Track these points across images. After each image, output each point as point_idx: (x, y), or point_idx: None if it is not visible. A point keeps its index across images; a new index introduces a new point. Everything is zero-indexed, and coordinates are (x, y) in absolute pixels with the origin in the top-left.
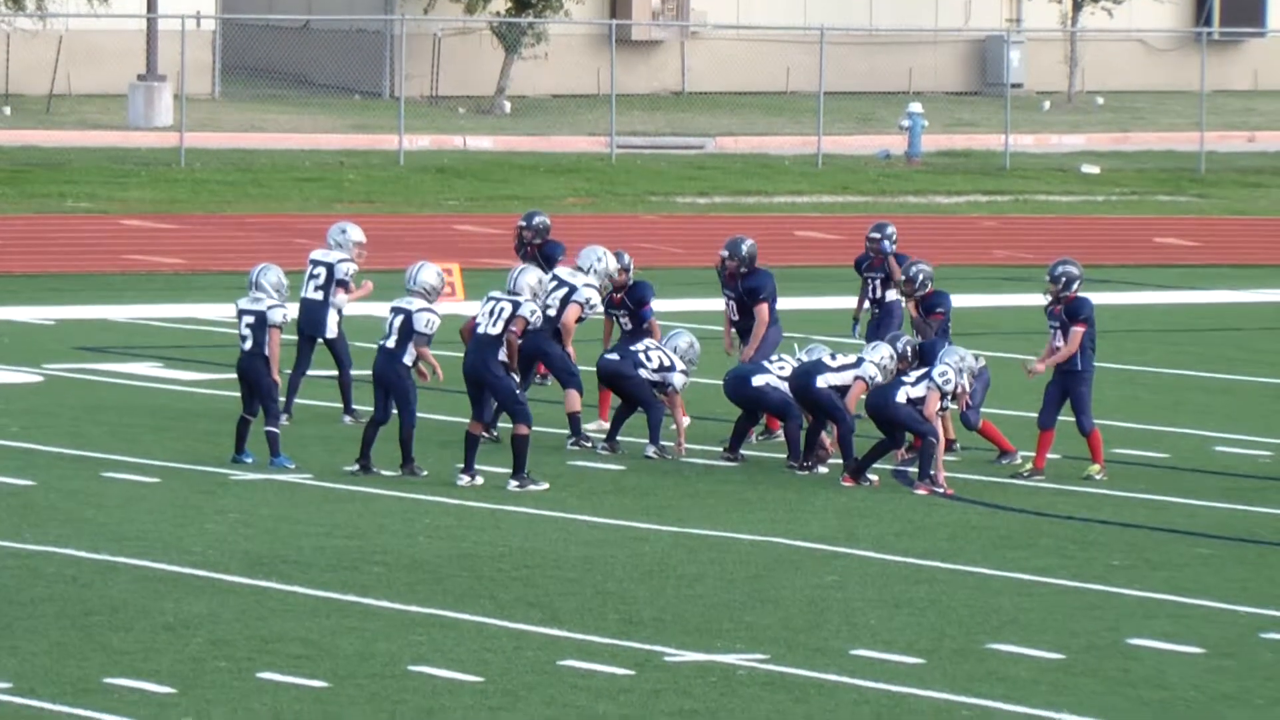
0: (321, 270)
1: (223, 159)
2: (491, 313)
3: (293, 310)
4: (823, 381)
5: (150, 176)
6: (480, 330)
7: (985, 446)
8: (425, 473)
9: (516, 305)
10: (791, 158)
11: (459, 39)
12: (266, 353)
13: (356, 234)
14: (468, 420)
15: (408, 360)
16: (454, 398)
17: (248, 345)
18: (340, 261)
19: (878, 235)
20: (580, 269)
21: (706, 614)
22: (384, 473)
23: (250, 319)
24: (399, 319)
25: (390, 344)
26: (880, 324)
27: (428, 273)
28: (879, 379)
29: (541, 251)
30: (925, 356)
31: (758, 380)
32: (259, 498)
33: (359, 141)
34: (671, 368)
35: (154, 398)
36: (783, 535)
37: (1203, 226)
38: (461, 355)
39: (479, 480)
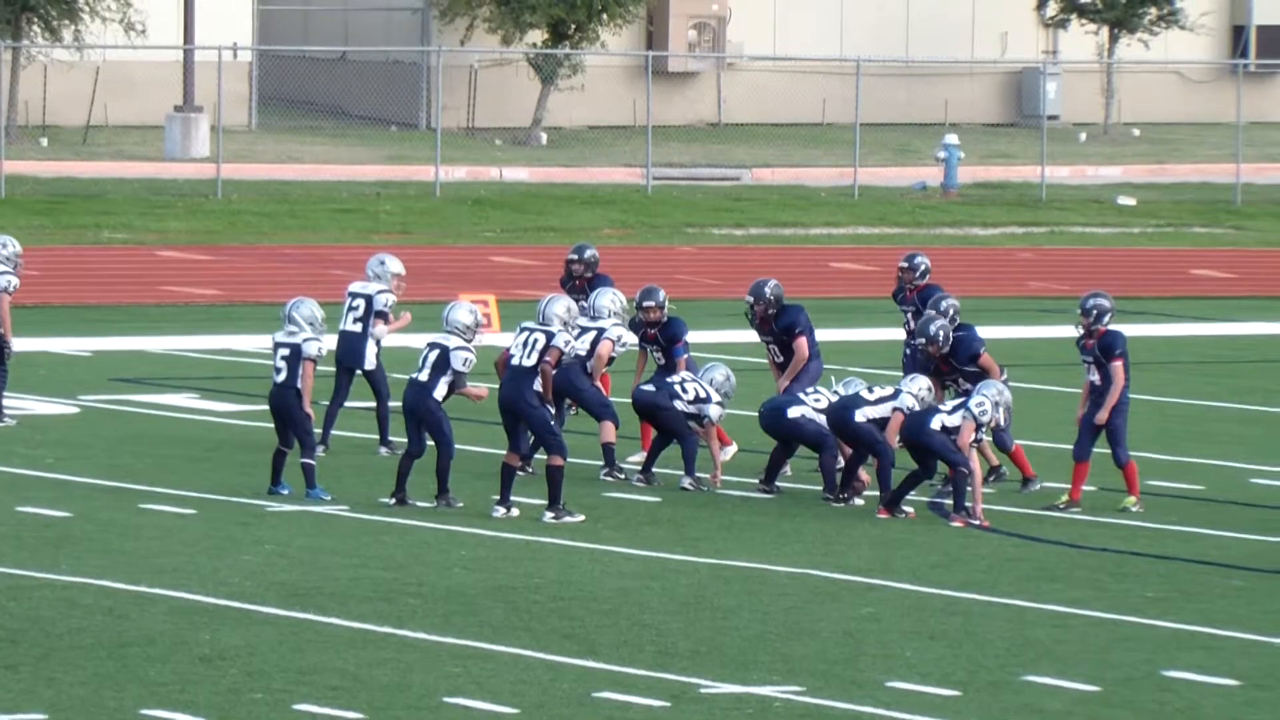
0: (360, 302)
1: (259, 190)
2: (525, 344)
3: (329, 342)
4: (861, 415)
5: (187, 208)
6: (515, 362)
7: (1019, 477)
8: (461, 504)
9: (550, 336)
10: (828, 189)
11: (495, 70)
12: (299, 385)
13: (395, 266)
14: (504, 452)
15: (438, 395)
16: (490, 429)
17: (280, 377)
18: (379, 293)
19: (905, 265)
20: (599, 318)
21: (743, 646)
22: (420, 504)
23: (285, 351)
24: (434, 354)
25: (422, 377)
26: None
27: (460, 312)
28: (916, 408)
29: (590, 285)
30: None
31: (793, 412)
32: (295, 529)
33: (395, 173)
34: (707, 399)
35: (190, 429)
36: (819, 567)
37: (1239, 258)
38: (497, 387)
39: (515, 512)
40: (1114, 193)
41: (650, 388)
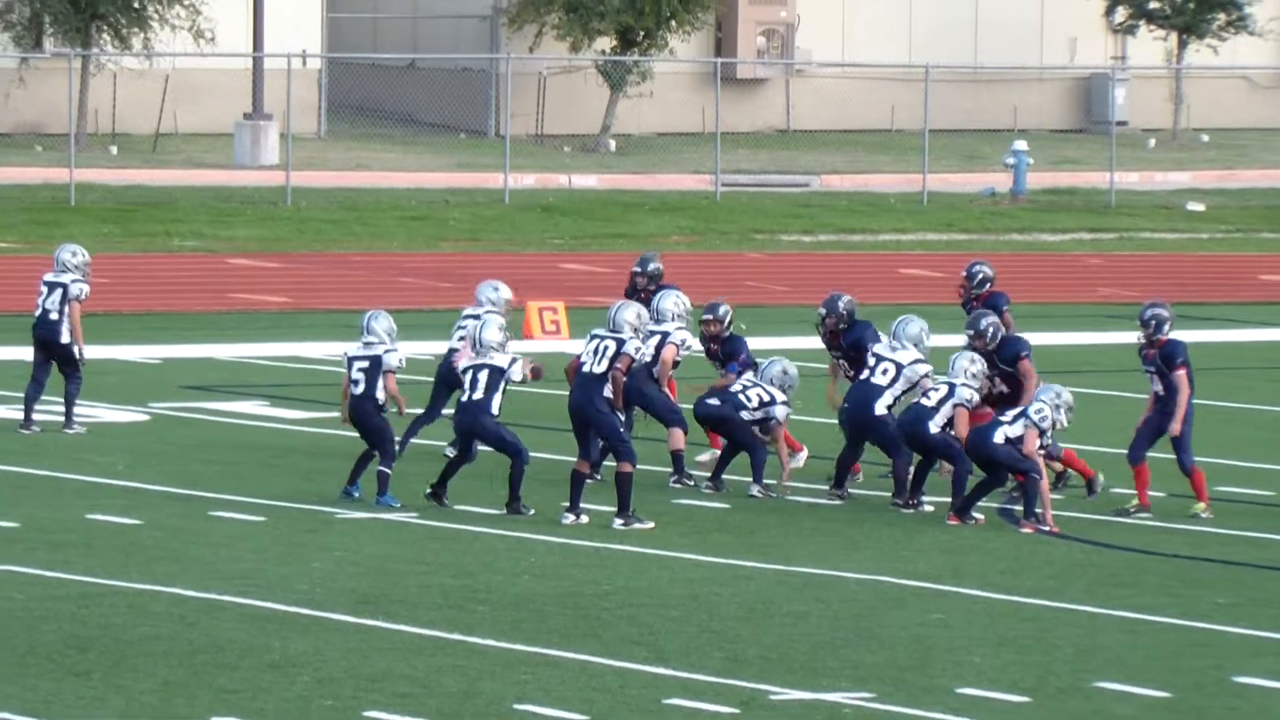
0: (469, 323)
1: (328, 197)
2: (596, 351)
3: (404, 350)
4: (932, 426)
5: (256, 215)
6: (585, 369)
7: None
8: (532, 511)
9: (620, 343)
10: (896, 195)
11: (564, 77)
12: (378, 396)
13: (508, 293)
14: (573, 459)
15: (494, 410)
16: (560, 436)
17: (359, 389)
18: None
19: (965, 276)
20: (662, 321)
21: (812, 652)
22: (489, 511)
23: (364, 364)
24: (484, 374)
25: (476, 396)
26: None
27: (490, 331)
28: (975, 396)
29: (654, 296)
30: (1016, 398)
31: (880, 408)
32: (364, 536)
33: (464, 180)
34: (772, 402)
35: (259, 436)
36: (888, 573)
37: None
38: (567, 394)
39: (584, 519)
40: (1183, 198)
41: (714, 401)
